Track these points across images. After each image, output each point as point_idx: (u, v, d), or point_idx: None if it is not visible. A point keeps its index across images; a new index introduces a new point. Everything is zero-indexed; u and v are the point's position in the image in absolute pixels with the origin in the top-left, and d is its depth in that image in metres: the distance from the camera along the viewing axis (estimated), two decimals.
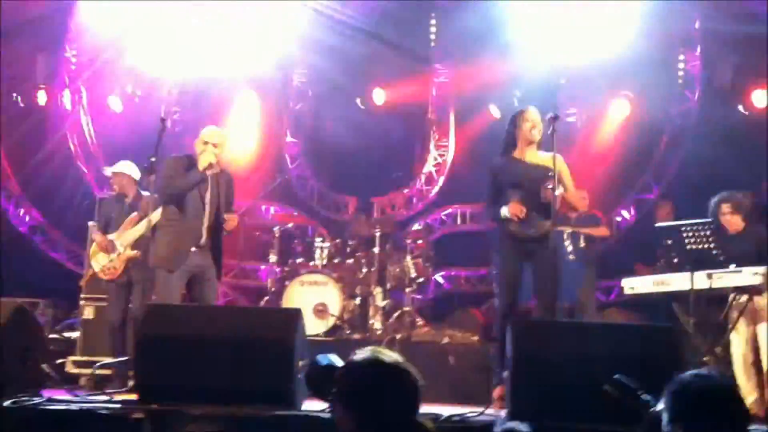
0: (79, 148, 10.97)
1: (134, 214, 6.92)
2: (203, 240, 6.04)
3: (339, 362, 2.73)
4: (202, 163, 6.02)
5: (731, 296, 6.04)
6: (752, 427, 4.17)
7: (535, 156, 5.72)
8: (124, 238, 6.88)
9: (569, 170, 5.88)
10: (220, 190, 6.19)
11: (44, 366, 4.98)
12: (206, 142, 6.13)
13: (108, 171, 7.22)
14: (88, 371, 6.63)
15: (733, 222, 6.40)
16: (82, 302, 7.11)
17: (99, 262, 6.88)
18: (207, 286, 6.04)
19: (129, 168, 7.18)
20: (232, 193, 6.35)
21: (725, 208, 6.41)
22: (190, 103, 11.25)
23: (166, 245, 5.90)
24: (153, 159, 5.99)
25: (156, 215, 6.08)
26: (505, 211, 5.55)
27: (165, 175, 6.02)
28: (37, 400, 4.55)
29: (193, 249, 5.97)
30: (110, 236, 6.88)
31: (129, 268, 6.82)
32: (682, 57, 10.26)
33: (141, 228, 6.78)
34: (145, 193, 6.77)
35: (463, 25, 10.06)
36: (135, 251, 6.80)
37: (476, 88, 10.68)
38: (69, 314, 8.50)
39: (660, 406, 2.70)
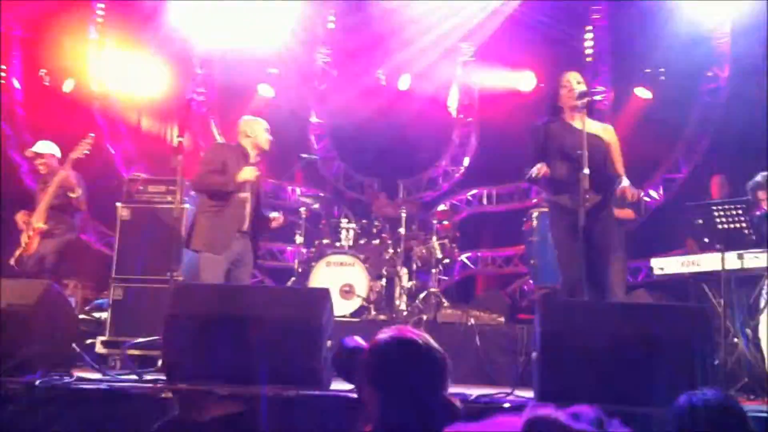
0: (107, 128, 11.06)
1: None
2: (246, 225, 6.14)
3: (364, 343, 2.72)
4: (244, 176, 6.09)
5: (764, 276, 5.98)
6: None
7: (588, 124, 5.30)
8: (37, 213, 7.27)
9: (619, 148, 5.54)
10: (260, 176, 6.35)
11: (74, 346, 5.01)
12: (267, 129, 6.30)
13: (31, 152, 7.58)
14: (117, 351, 6.70)
15: None
16: (111, 283, 7.16)
17: (23, 242, 7.29)
18: (243, 270, 6.20)
19: (51, 148, 7.59)
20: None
21: (761, 194, 6.36)
22: (216, 83, 11.30)
23: (210, 229, 6.00)
24: (180, 139, 6.02)
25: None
26: (534, 170, 5.22)
27: (207, 168, 6.14)
28: (66, 379, 4.59)
29: (236, 234, 6.09)
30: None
31: (40, 242, 7.23)
32: (711, 34, 10.11)
33: (46, 201, 7.22)
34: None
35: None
36: (43, 224, 7.22)
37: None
38: (99, 295, 8.58)
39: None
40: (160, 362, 5.16)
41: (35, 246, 7.24)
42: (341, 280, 8.11)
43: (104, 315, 7.32)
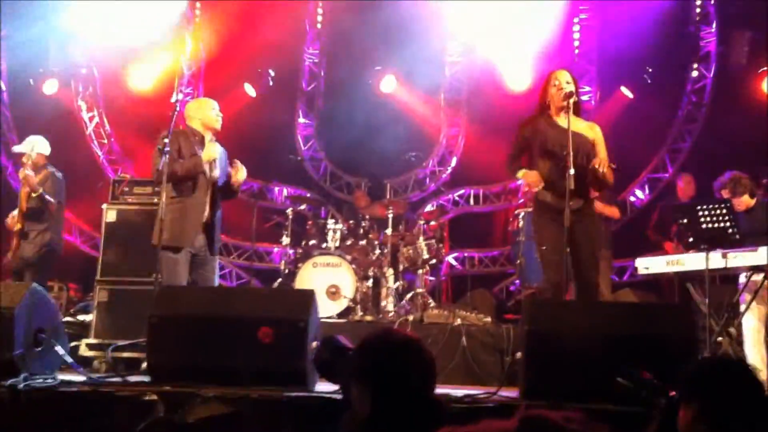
0: (92, 130, 11.04)
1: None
2: (206, 216, 5.95)
3: (348, 344, 2.72)
4: (208, 154, 5.90)
5: (745, 275, 6.02)
6: None
7: (573, 123, 5.33)
8: (17, 214, 7.29)
9: (604, 144, 5.53)
10: (222, 164, 6.11)
11: (58, 348, 4.98)
12: (213, 108, 6.11)
13: (16, 149, 7.58)
14: (102, 354, 6.67)
15: (739, 203, 6.39)
16: (96, 285, 7.13)
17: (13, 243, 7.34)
18: (208, 264, 5.95)
19: (38, 145, 7.52)
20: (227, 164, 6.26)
21: (725, 193, 6.40)
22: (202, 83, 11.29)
23: (172, 223, 5.73)
24: (166, 140, 5.95)
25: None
26: (521, 174, 5.35)
27: (157, 157, 5.79)
28: (51, 382, 4.57)
29: (200, 227, 5.89)
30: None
31: (19, 244, 7.26)
32: (698, 33, 10.19)
33: (22, 202, 7.21)
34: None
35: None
36: (20, 226, 7.22)
37: (487, 66, 10.66)
38: (84, 297, 8.54)
39: (673, 393, 2.67)
40: (144, 364, 5.13)
41: (15, 246, 7.24)
42: (328, 281, 8.10)
43: (89, 317, 7.29)
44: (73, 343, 6.81)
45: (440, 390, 4.49)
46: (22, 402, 4.24)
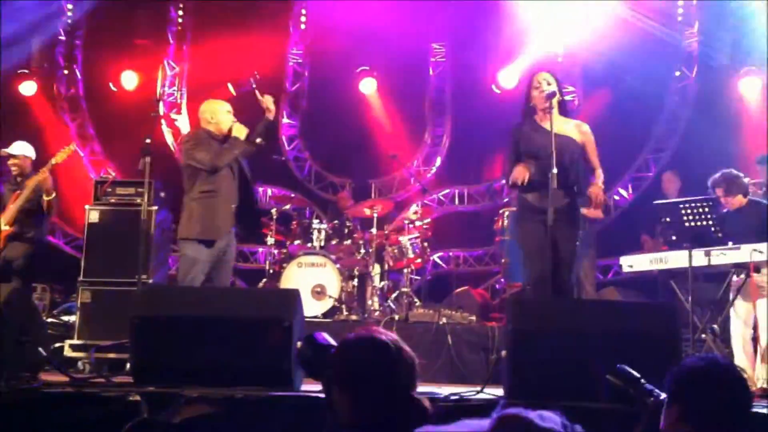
0: (74, 130, 10.98)
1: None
2: (233, 206, 5.99)
3: (332, 342, 2.71)
4: (240, 133, 6.02)
5: (730, 273, 6.05)
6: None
7: (559, 124, 5.35)
8: (6, 215, 7.06)
9: (594, 143, 5.52)
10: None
11: (41, 349, 4.95)
12: (229, 111, 6.17)
13: (5, 152, 7.43)
14: (86, 355, 6.63)
15: (733, 202, 6.41)
16: (79, 286, 7.09)
17: None
18: (224, 265, 6.00)
19: (27, 149, 7.38)
20: None
21: (719, 191, 6.42)
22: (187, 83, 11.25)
23: (200, 218, 5.81)
24: (148, 140, 5.93)
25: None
26: (512, 179, 5.24)
27: (201, 148, 5.91)
28: (34, 383, 4.53)
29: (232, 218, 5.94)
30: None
31: (6, 245, 7.02)
32: (679, 34, 10.23)
33: (19, 203, 6.99)
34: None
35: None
36: (11, 227, 6.99)
37: (474, 66, 10.66)
38: (67, 298, 8.48)
39: (663, 395, 2.68)
40: (128, 365, 5.11)
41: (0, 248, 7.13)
42: (313, 280, 8.09)
43: (72, 318, 7.25)
44: (56, 344, 6.79)
45: (425, 389, 4.50)
46: (4, 403, 4.20)
